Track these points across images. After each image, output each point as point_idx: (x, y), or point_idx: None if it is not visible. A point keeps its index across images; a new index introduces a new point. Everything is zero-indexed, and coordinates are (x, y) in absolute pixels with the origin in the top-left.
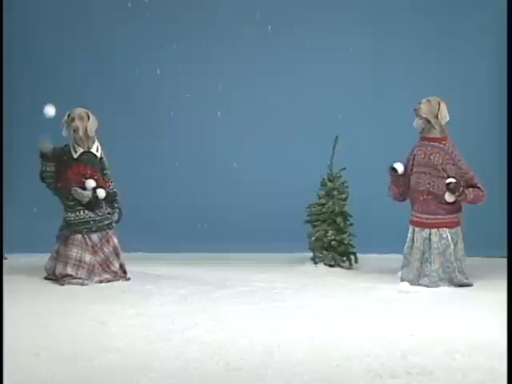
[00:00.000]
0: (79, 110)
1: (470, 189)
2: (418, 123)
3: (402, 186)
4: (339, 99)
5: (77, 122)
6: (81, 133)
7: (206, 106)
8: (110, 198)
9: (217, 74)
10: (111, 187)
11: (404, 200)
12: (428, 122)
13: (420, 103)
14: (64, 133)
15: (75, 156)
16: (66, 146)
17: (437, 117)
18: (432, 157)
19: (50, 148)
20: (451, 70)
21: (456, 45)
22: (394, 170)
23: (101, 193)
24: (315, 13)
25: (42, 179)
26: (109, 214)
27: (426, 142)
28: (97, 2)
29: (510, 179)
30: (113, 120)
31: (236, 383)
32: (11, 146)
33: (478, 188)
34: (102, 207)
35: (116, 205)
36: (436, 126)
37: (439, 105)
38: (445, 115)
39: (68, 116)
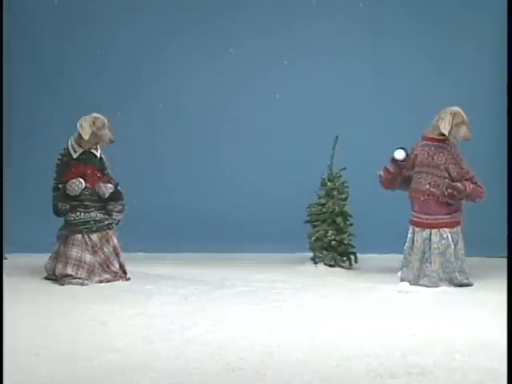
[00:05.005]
0: (103, 118)
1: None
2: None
3: (394, 174)
4: (339, 99)
5: (107, 131)
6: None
7: (208, 107)
8: (115, 197)
9: (218, 75)
10: (117, 187)
11: (392, 189)
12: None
13: (463, 118)
14: (85, 136)
15: (75, 156)
16: (64, 149)
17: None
18: (435, 157)
19: None
20: (451, 70)
21: (456, 45)
22: (395, 159)
23: (103, 190)
24: (315, 12)
25: (57, 214)
26: (118, 212)
27: (429, 142)
28: (99, 2)
29: (510, 179)
30: (115, 120)
31: (236, 383)
32: (11, 146)
33: (478, 186)
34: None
35: (123, 204)
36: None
37: None
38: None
39: (93, 123)
